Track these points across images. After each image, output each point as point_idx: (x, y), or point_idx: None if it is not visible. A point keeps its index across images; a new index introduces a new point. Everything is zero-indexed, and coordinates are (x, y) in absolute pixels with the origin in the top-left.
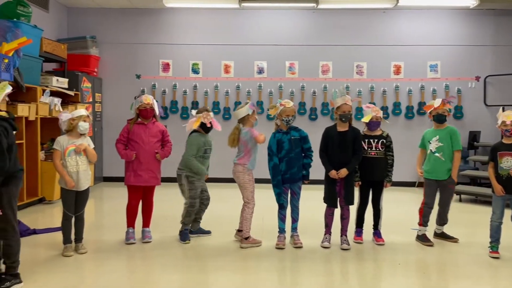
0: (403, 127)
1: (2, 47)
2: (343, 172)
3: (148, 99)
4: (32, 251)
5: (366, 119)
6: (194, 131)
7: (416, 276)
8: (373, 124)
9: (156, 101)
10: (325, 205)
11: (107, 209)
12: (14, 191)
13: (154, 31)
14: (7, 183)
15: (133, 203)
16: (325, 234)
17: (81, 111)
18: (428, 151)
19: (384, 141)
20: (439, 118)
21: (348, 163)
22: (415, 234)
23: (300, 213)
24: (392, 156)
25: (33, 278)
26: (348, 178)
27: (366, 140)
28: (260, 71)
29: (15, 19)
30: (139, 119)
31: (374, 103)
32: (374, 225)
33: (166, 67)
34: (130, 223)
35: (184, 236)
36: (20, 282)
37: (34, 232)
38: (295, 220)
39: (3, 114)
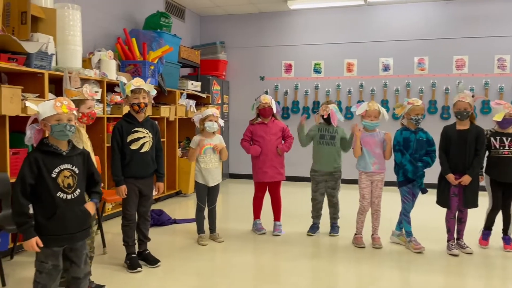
0: None
1: (149, 55)
2: (466, 179)
3: (266, 98)
4: (171, 239)
5: (498, 117)
6: None
7: None
8: (506, 121)
9: (278, 102)
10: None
11: (234, 203)
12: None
13: (277, 33)
14: None
15: (258, 195)
16: (449, 241)
17: (208, 111)
18: None
19: None
20: None
21: (469, 164)
22: None
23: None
24: None
25: (171, 264)
26: (471, 180)
27: (498, 138)
28: (386, 68)
29: (158, 30)
30: (259, 119)
31: None
32: (503, 230)
33: (288, 68)
34: (257, 215)
35: (310, 228)
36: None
37: (175, 221)
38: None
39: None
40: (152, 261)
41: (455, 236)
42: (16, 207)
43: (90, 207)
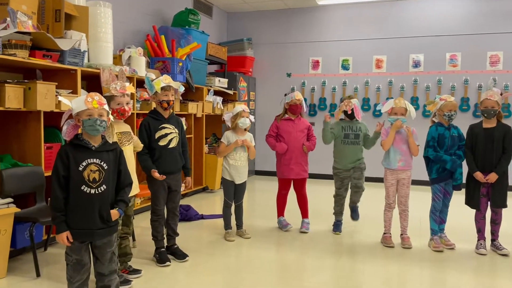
0: None
1: (178, 52)
2: (493, 177)
3: (299, 95)
4: (199, 234)
5: None
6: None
7: None
8: None
9: (305, 99)
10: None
11: (260, 200)
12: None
13: (305, 29)
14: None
15: (282, 193)
16: (479, 240)
17: (238, 108)
18: None
19: None
20: None
21: (496, 163)
22: None
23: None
24: None
25: (199, 259)
26: (499, 179)
27: None
28: (416, 64)
29: (187, 27)
30: (287, 115)
31: None
32: None
33: (315, 64)
34: (281, 212)
35: (335, 227)
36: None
37: (202, 217)
38: (443, 221)
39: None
40: (181, 256)
41: (490, 237)
42: (52, 200)
43: (113, 214)
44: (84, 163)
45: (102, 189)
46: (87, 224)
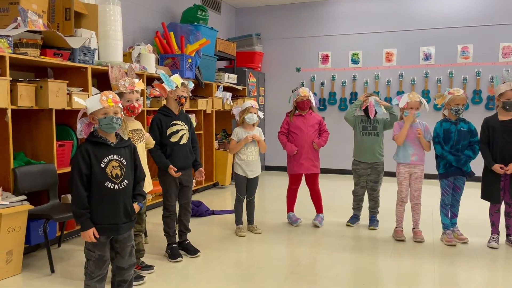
0: None
1: (187, 48)
2: None
3: (304, 91)
4: (210, 229)
5: None
6: None
7: None
8: None
9: (315, 93)
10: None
11: (270, 196)
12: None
13: (314, 23)
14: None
15: (292, 188)
16: (492, 234)
17: (247, 103)
18: None
19: None
20: None
21: None
22: None
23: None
24: None
25: (210, 255)
26: None
27: None
28: (427, 57)
29: (195, 23)
30: (297, 111)
31: None
32: None
33: (325, 59)
34: (290, 208)
35: (350, 218)
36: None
37: (213, 212)
38: (455, 215)
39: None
40: (192, 251)
41: (506, 232)
42: (75, 198)
43: (135, 208)
44: (105, 160)
45: (125, 184)
46: (113, 219)
